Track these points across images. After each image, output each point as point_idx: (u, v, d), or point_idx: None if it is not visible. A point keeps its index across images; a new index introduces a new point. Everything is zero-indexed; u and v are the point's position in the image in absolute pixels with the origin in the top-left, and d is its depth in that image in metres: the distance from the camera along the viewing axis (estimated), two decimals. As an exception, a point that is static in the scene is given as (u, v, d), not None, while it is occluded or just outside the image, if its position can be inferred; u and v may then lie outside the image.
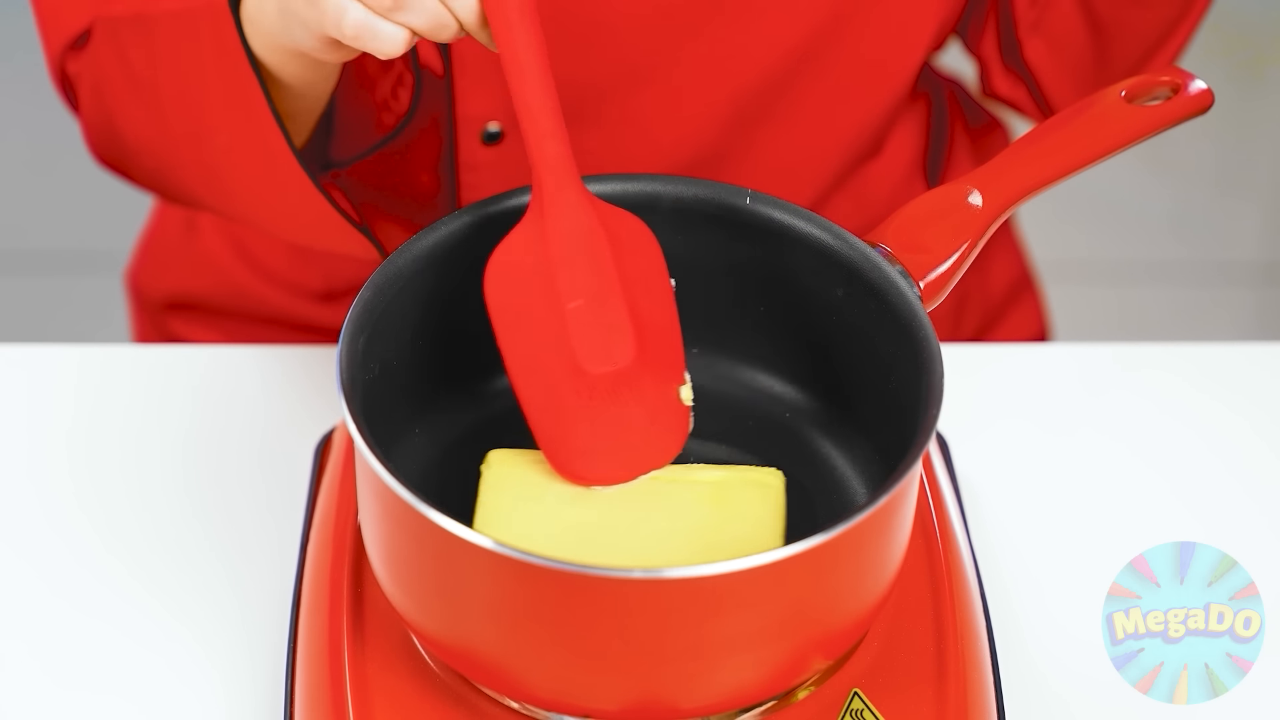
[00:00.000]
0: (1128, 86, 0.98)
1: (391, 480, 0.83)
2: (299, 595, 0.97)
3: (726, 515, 0.90)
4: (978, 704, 0.91)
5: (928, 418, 0.86)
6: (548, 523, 0.90)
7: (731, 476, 0.92)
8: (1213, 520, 1.09)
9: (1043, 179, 0.95)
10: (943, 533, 0.97)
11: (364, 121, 1.09)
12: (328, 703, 0.90)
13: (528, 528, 0.90)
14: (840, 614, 0.86)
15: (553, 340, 0.90)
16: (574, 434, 0.91)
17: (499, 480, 0.92)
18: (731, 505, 0.91)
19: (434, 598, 0.85)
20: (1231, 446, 1.13)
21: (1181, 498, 1.10)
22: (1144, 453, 1.13)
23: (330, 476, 1.01)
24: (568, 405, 0.91)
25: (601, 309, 0.91)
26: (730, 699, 0.86)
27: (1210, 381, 1.17)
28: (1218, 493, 1.11)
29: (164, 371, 1.16)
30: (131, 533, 1.06)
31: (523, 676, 0.85)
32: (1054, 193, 0.98)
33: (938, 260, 0.93)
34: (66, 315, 2.28)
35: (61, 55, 1.11)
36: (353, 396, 0.86)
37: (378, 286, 0.90)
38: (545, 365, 0.90)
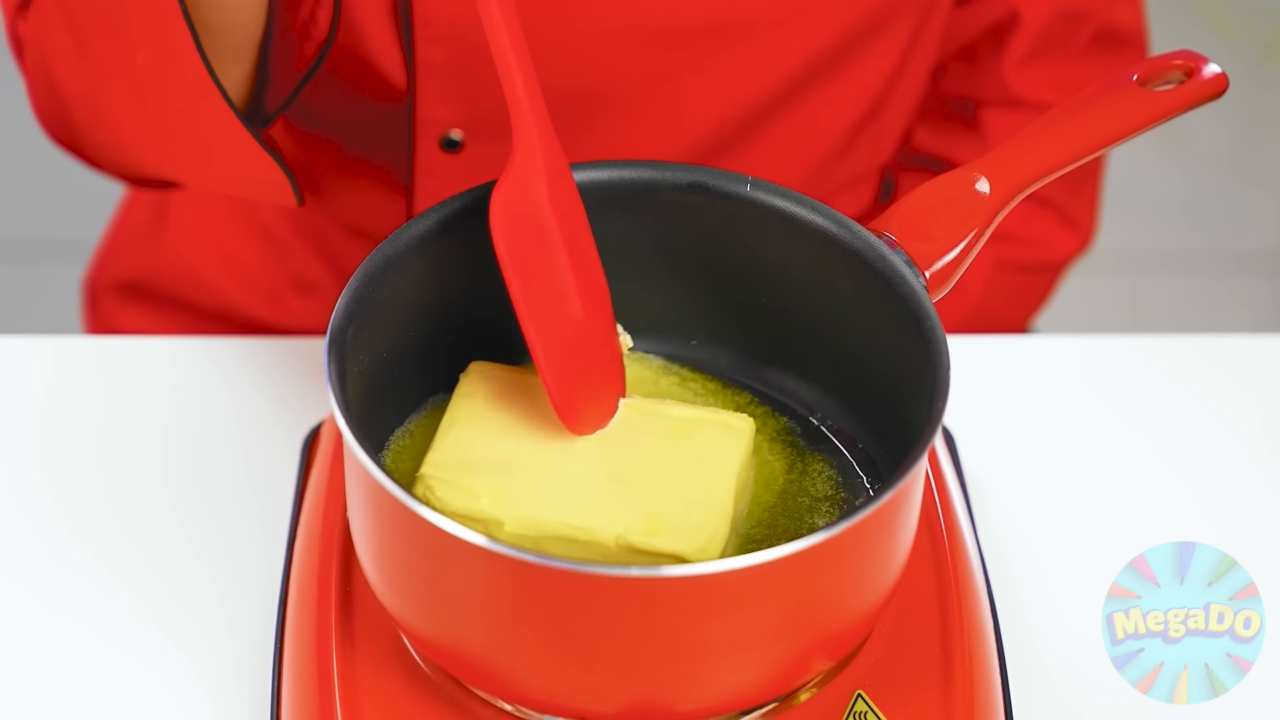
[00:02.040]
0: (1140, 70, 0.98)
1: (381, 476, 0.83)
2: (286, 595, 0.97)
3: (689, 450, 0.91)
4: (985, 707, 0.91)
5: (933, 411, 0.86)
6: (507, 438, 0.91)
7: (702, 415, 0.93)
8: (1229, 516, 1.09)
9: (1052, 164, 0.95)
10: (949, 530, 0.97)
11: (286, 55, 1.10)
12: (315, 706, 0.90)
13: (487, 440, 0.91)
14: (843, 613, 0.86)
15: (557, 286, 0.91)
16: (581, 380, 0.91)
17: (472, 389, 0.93)
18: (695, 442, 0.92)
19: (425, 597, 0.85)
20: (1249, 440, 1.13)
21: (1197, 493, 1.11)
22: (1158, 447, 1.13)
23: (318, 472, 1.01)
24: (574, 350, 0.91)
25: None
26: (729, 701, 0.86)
27: (1226, 374, 1.17)
28: (1234, 488, 1.11)
29: (143, 363, 1.16)
30: (111, 531, 1.07)
31: (516, 678, 0.85)
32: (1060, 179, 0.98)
33: (944, 249, 0.93)
34: (39, 306, 2.28)
35: (14, 17, 1.13)
36: (341, 389, 0.86)
37: (368, 274, 0.90)
38: (553, 310, 0.91)
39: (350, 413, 0.85)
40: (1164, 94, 0.97)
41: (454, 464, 0.91)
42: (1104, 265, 2.38)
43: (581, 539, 0.88)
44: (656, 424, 0.93)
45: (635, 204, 0.95)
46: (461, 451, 0.91)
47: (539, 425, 0.92)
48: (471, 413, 0.93)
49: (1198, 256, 2.40)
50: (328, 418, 1.05)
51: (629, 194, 0.94)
